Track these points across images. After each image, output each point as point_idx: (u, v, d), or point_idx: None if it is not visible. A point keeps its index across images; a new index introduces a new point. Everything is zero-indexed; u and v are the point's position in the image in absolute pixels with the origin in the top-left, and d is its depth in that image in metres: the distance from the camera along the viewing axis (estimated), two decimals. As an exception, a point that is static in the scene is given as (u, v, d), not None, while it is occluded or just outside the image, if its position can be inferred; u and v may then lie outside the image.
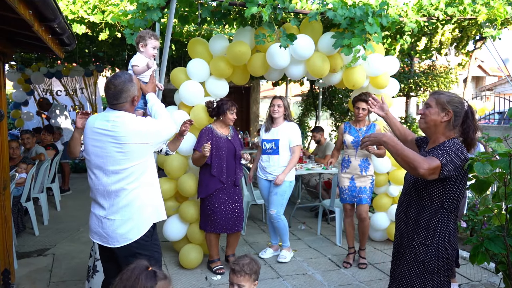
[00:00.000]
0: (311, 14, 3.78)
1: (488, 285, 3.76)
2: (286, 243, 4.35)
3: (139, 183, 2.34)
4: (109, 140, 2.29)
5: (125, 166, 2.29)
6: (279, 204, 4.19)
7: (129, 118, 2.33)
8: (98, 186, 2.38)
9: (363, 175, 4.15)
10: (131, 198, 2.32)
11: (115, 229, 2.32)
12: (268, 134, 4.29)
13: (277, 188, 4.17)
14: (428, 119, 2.25)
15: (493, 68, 22.67)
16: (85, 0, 4.58)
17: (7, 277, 3.51)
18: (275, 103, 4.23)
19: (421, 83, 8.07)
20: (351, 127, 4.24)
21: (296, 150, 4.25)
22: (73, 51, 6.65)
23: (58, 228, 5.36)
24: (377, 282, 3.84)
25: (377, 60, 4.30)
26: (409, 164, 2.05)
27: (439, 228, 2.19)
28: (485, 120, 15.67)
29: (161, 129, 2.44)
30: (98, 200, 2.39)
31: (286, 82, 9.69)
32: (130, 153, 2.28)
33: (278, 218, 4.20)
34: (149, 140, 2.35)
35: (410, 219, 2.29)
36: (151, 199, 2.41)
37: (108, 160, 2.31)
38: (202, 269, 4.04)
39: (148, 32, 2.94)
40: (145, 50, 2.90)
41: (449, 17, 4.53)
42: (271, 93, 19.89)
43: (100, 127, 2.33)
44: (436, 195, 2.19)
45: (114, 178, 2.31)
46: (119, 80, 2.33)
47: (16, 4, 2.16)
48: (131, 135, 2.28)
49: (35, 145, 6.16)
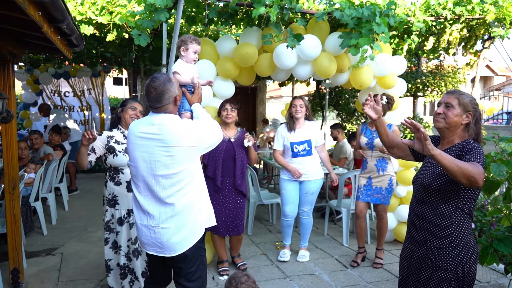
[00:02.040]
0: (318, 14, 3.78)
1: (497, 286, 3.72)
2: (306, 242, 4.42)
3: (190, 188, 2.28)
4: (156, 144, 2.23)
5: (175, 170, 2.22)
6: (312, 202, 4.30)
7: (175, 121, 2.27)
8: (146, 193, 2.30)
9: (380, 174, 4.13)
10: (184, 204, 2.26)
11: (169, 237, 2.25)
12: (295, 136, 4.19)
13: (312, 188, 4.22)
14: (450, 120, 2.14)
15: (501, 67, 22.51)
16: (93, 1, 4.61)
17: (16, 276, 3.55)
18: (296, 103, 4.18)
19: (429, 83, 8.02)
20: (367, 129, 4.22)
21: (324, 148, 4.34)
22: (81, 52, 6.70)
23: (66, 228, 5.40)
24: (385, 283, 3.82)
25: (384, 60, 4.28)
26: (470, 178, 1.86)
27: (453, 230, 2.09)
28: (494, 120, 15.56)
29: (208, 134, 2.37)
30: (147, 209, 2.29)
31: (293, 82, 9.67)
32: (178, 156, 2.22)
33: (309, 215, 4.33)
34: (197, 143, 2.27)
35: (423, 224, 2.19)
36: (202, 204, 2.36)
37: (157, 165, 2.23)
38: (209, 269, 4.05)
39: (190, 36, 2.93)
40: (186, 55, 2.89)
41: (457, 17, 4.50)
42: (277, 93, 19.90)
43: (146, 131, 2.27)
44: (452, 196, 2.10)
45: (165, 184, 2.24)
46: (158, 82, 2.25)
47: (26, 5, 2.18)
48: (178, 138, 2.21)
49: (44, 145, 6.21)
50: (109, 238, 3.23)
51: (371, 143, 4.13)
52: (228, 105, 3.85)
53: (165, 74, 2.34)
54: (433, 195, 2.14)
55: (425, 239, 2.16)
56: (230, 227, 3.89)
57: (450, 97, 2.17)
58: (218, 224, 3.80)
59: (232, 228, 3.90)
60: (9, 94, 3.44)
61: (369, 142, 4.14)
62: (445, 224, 2.10)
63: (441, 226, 2.11)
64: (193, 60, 2.91)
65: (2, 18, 2.69)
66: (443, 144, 2.24)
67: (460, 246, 2.08)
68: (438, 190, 2.11)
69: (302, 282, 3.81)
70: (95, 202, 6.60)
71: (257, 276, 3.92)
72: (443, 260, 2.08)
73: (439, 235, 2.11)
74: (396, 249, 4.64)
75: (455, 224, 2.09)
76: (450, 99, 2.16)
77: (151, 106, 2.30)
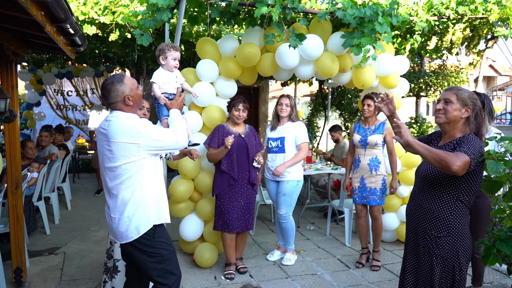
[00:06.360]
0: (321, 13, 3.77)
1: (499, 287, 3.71)
2: (291, 245, 4.29)
3: (131, 183, 2.36)
4: (103, 138, 2.38)
5: (115, 164, 2.34)
6: (287, 204, 4.15)
7: (122, 117, 2.38)
8: (104, 184, 2.48)
9: (373, 174, 4.10)
10: (125, 197, 2.37)
11: (116, 226, 2.40)
12: (274, 133, 4.25)
13: (285, 189, 4.13)
14: (450, 115, 2.25)
15: (504, 67, 22.39)
16: (95, 1, 4.62)
17: (19, 275, 3.56)
18: (283, 101, 4.20)
19: (432, 83, 8.00)
20: (360, 126, 4.21)
21: (304, 147, 4.17)
22: (84, 52, 6.71)
23: (69, 227, 5.41)
24: (387, 283, 3.81)
25: (387, 59, 4.27)
26: (441, 162, 2.04)
27: (452, 220, 2.20)
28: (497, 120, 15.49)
29: (160, 137, 2.42)
30: (106, 198, 2.49)
31: (295, 82, 9.66)
32: (116, 151, 2.33)
33: (287, 219, 4.17)
34: (138, 141, 2.33)
35: (424, 213, 2.30)
36: (148, 200, 2.42)
37: (103, 158, 2.40)
38: (211, 269, 4.05)
39: (167, 44, 2.92)
40: (166, 63, 2.88)
41: (460, 16, 4.48)
42: (280, 93, 19.87)
43: (101, 126, 2.43)
44: (453, 187, 2.20)
45: (110, 175, 2.39)
46: (108, 81, 2.41)
47: (28, 5, 2.19)
48: (118, 134, 2.32)
49: (50, 145, 6.23)
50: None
51: (364, 141, 4.11)
52: (241, 105, 3.86)
53: (120, 75, 2.46)
54: (435, 185, 2.25)
55: (425, 227, 2.29)
56: (242, 222, 3.88)
57: (448, 93, 2.28)
58: (230, 220, 3.82)
59: (244, 224, 3.90)
60: (12, 93, 3.46)
61: (362, 139, 4.13)
62: (445, 214, 2.22)
63: (440, 216, 2.23)
64: (173, 67, 2.90)
65: (5, 17, 2.70)
66: (444, 139, 2.34)
67: (457, 236, 2.21)
68: (439, 180, 2.22)
69: (304, 282, 3.81)
70: (97, 202, 6.62)
71: (259, 276, 3.92)
72: (440, 249, 2.22)
73: (438, 224, 2.24)
74: (399, 249, 4.63)
75: (455, 215, 2.21)
76: (448, 95, 2.27)
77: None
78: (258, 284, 2.79)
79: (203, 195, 4.23)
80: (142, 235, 2.39)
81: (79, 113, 10.25)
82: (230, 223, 3.82)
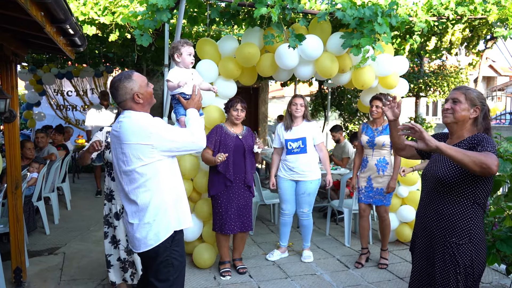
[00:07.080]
0: (320, 14, 3.78)
1: (499, 287, 3.71)
2: (308, 242, 4.40)
3: (149, 186, 2.24)
4: (116, 141, 2.27)
5: (129, 167, 2.22)
6: (310, 203, 4.26)
7: (134, 117, 2.26)
8: (120, 189, 2.35)
9: (380, 175, 4.10)
10: (144, 201, 2.24)
11: (134, 233, 2.27)
12: (290, 133, 4.21)
13: (309, 188, 4.18)
14: (458, 115, 2.17)
15: (504, 68, 22.41)
16: (95, 2, 4.63)
17: (18, 275, 3.56)
18: (297, 102, 4.18)
19: (431, 83, 8.02)
20: (368, 127, 4.21)
21: (323, 147, 4.30)
22: (83, 52, 6.72)
23: (69, 227, 5.41)
24: (386, 283, 3.81)
25: (386, 60, 4.28)
26: (482, 165, 1.88)
27: (472, 225, 2.10)
28: (496, 120, 15.50)
29: (175, 137, 2.29)
30: (123, 204, 2.35)
31: (295, 83, 9.67)
32: (129, 153, 2.21)
33: (309, 216, 4.28)
34: (150, 142, 2.20)
35: (441, 219, 2.18)
36: (168, 205, 2.30)
37: (118, 162, 2.28)
38: (210, 269, 4.06)
39: (180, 40, 2.89)
40: (182, 60, 2.83)
41: (460, 17, 4.49)
42: (280, 93, 19.89)
43: (114, 128, 2.33)
44: (471, 190, 2.10)
45: (126, 180, 2.27)
46: (115, 78, 2.30)
47: (28, 6, 2.19)
48: (129, 135, 2.21)
49: (48, 145, 6.23)
50: (108, 232, 3.29)
51: (372, 141, 4.12)
52: (239, 105, 3.85)
53: (128, 71, 2.34)
54: (451, 189, 2.14)
55: (443, 234, 2.16)
56: (239, 223, 3.88)
57: (456, 93, 2.21)
58: (226, 221, 3.82)
59: (241, 225, 3.90)
60: (12, 94, 3.46)
61: (370, 140, 4.14)
62: (465, 219, 2.10)
63: (461, 222, 2.11)
64: (190, 63, 2.85)
65: (5, 18, 2.70)
66: (452, 139, 2.26)
67: (478, 242, 2.10)
68: (455, 183, 2.11)
69: (303, 282, 3.81)
70: (97, 202, 6.62)
71: (259, 276, 3.92)
72: (462, 257, 2.09)
73: (458, 230, 2.11)
74: (398, 250, 4.64)
75: (474, 219, 2.10)
76: (456, 94, 2.20)
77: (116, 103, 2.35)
78: (258, 284, 2.76)
79: (201, 195, 4.23)
80: (161, 243, 2.25)
81: (79, 113, 10.25)
82: (225, 224, 3.82)
